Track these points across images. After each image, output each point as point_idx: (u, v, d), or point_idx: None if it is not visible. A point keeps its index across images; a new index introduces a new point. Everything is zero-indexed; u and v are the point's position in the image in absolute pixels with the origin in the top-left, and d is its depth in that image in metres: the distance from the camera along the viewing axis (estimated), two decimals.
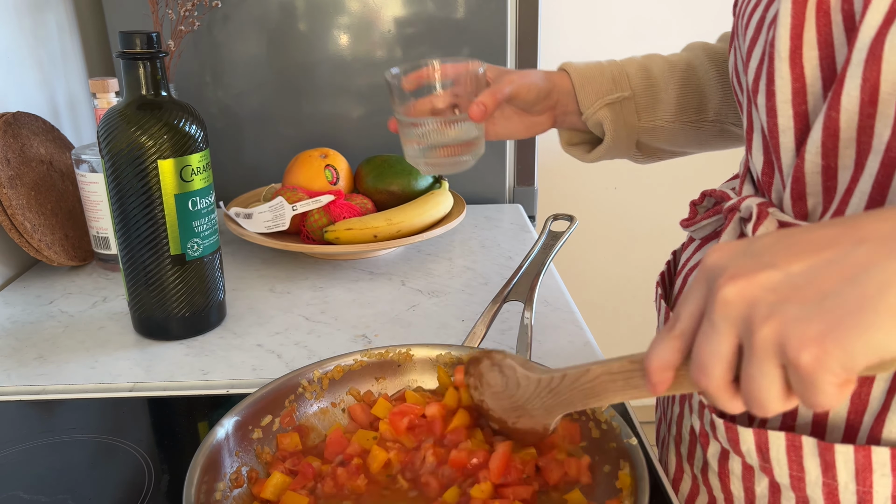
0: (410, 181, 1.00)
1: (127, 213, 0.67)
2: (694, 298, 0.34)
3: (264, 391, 0.52)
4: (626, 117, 0.69)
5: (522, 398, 0.48)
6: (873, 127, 0.39)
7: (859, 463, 0.43)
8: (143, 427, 0.59)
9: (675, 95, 0.68)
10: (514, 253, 0.97)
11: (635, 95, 0.68)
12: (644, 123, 0.69)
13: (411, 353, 0.57)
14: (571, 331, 0.75)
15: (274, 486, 0.47)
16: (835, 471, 0.44)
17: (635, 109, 0.69)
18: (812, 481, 0.45)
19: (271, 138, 1.16)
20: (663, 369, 0.35)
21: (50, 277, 0.90)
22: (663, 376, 0.35)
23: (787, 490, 0.47)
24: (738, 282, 0.31)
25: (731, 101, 0.68)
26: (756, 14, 0.47)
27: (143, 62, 0.66)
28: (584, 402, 0.43)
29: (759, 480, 0.48)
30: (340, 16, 1.09)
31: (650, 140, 0.70)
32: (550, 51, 1.47)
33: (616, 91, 0.68)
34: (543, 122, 0.71)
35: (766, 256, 0.31)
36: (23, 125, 0.88)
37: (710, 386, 0.33)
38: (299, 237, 0.94)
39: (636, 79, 0.69)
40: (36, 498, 0.50)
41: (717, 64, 0.69)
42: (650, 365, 0.35)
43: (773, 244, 0.32)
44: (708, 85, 0.68)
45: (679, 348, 0.35)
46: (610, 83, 0.68)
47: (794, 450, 0.44)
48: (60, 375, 0.67)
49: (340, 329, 0.75)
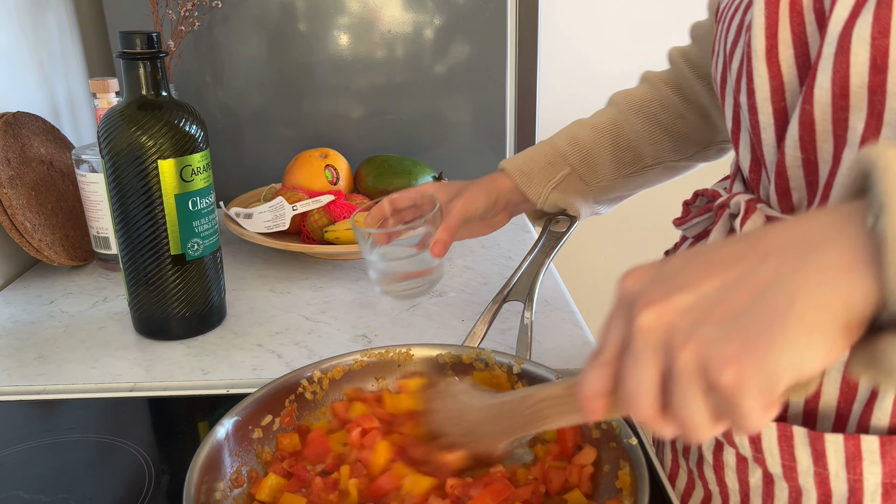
0: (410, 181, 1.00)
1: (127, 213, 0.67)
2: (615, 326, 0.34)
3: (264, 391, 0.52)
4: (575, 189, 0.72)
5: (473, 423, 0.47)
6: (847, 119, 0.40)
7: (849, 451, 0.43)
8: (143, 427, 0.59)
9: (609, 155, 0.72)
10: (514, 253, 0.97)
11: (574, 168, 0.72)
12: (592, 187, 0.73)
13: (411, 353, 0.57)
14: (571, 331, 0.75)
15: (269, 487, 0.47)
16: (825, 460, 0.44)
17: (579, 179, 0.72)
18: (804, 471, 0.45)
19: (271, 138, 1.16)
20: (595, 398, 0.35)
21: (50, 277, 0.90)
22: (596, 404, 0.35)
23: (780, 480, 0.47)
24: (653, 308, 0.31)
25: (663, 142, 0.72)
26: (735, 18, 0.48)
27: (144, 62, 0.66)
28: (526, 427, 0.43)
29: (753, 472, 0.49)
30: (340, 16, 1.09)
31: (604, 195, 0.74)
32: (551, 51, 1.47)
33: (556, 173, 0.72)
34: (501, 220, 0.75)
35: (678, 279, 0.31)
36: (23, 125, 0.88)
37: (640, 415, 0.32)
38: (299, 237, 0.94)
39: (570, 153, 0.72)
40: (36, 498, 0.50)
41: (640, 113, 0.72)
42: (583, 394, 0.35)
43: (684, 265, 0.32)
44: (637, 135, 0.72)
45: (607, 376, 0.34)
46: (548, 168, 0.72)
47: (786, 440, 0.45)
48: (61, 375, 0.67)
49: (340, 329, 0.75)
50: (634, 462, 0.44)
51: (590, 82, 1.50)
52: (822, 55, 0.40)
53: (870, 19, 0.37)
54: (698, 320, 0.30)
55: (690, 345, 0.29)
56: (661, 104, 0.71)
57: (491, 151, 1.17)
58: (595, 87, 1.53)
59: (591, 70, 1.49)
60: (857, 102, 0.39)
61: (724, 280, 0.30)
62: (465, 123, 1.16)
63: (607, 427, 0.48)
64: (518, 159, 0.73)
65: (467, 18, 1.09)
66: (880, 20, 0.37)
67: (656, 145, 0.71)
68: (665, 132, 0.71)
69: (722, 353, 0.28)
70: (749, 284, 0.29)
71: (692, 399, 0.30)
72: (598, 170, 0.72)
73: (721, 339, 0.29)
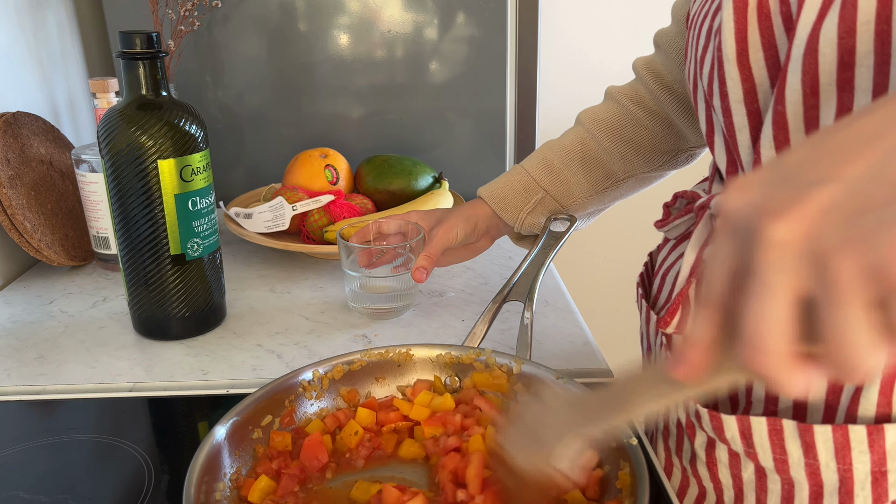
0: (410, 181, 1.00)
1: (127, 213, 0.67)
2: (724, 256, 0.27)
3: (264, 391, 0.52)
4: (551, 210, 0.75)
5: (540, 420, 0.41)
6: (818, 118, 0.41)
7: (838, 442, 0.44)
8: (143, 427, 0.59)
9: (580, 175, 0.74)
10: (514, 253, 0.97)
11: (548, 192, 0.75)
12: (568, 207, 0.76)
13: (411, 353, 0.57)
14: (571, 331, 0.75)
15: (261, 490, 0.46)
16: (815, 451, 0.45)
17: (554, 201, 0.75)
18: (795, 463, 0.46)
19: (271, 138, 1.16)
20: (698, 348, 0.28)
21: (50, 277, 0.90)
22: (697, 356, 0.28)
23: (772, 473, 0.48)
24: (788, 216, 0.24)
25: (632, 156, 0.74)
26: (705, 24, 0.50)
27: (144, 62, 0.66)
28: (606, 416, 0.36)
29: (746, 466, 0.50)
30: (340, 16, 1.09)
31: (580, 211, 0.77)
32: (551, 51, 1.47)
33: (531, 198, 0.75)
34: (484, 244, 0.78)
35: (808, 173, 0.25)
36: (23, 125, 0.88)
37: (770, 361, 0.26)
38: (299, 237, 0.94)
39: (542, 178, 0.75)
40: (36, 498, 0.50)
41: (607, 130, 0.74)
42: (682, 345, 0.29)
43: (809, 155, 0.26)
44: (606, 153, 0.74)
45: (715, 319, 0.28)
46: (522, 194, 0.75)
47: (776, 433, 0.46)
48: (60, 375, 0.67)
49: (340, 329, 0.75)
50: (634, 462, 0.44)
51: (590, 82, 1.50)
52: (792, 57, 0.41)
53: (836, 20, 0.38)
54: (854, 213, 0.23)
55: (852, 245, 0.23)
56: (625, 119, 0.73)
57: (491, 151, 1.18)
58: (595, 87, 1.53)
59: (591, 70, 1.49)
60: (826, 99, 0.40)
61: (872, 158, 0.24)
62: (466, 123, 1.16)
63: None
64: (494, 185, 0.77)
65: (467, 18, 1.09)
66: (846, 20, 0.38)
67: (625, 160, 0.74)
68: (632, 146, 0.73)
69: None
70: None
71: (856, 318, 0.23)
72: (571, 190, 0.75)
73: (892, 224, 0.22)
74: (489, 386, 0.55)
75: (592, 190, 0.75)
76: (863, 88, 0.39)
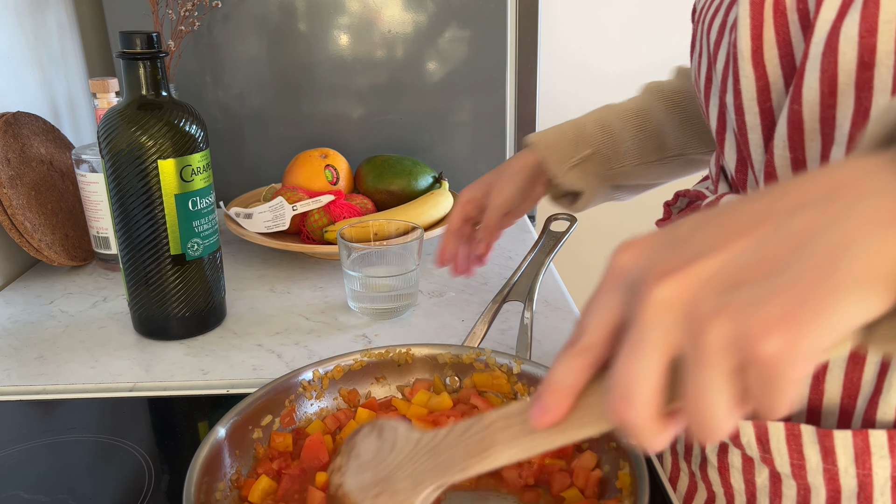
0: (410, 181, 1.00)
1: (127, 213, 0.67)
2: (606, 308, 0.28)
3: (264, 391, 0.52)
4: (595, 171, 0.72)
5: (391, 465, 0.37)
6: (835, 118, 0.41)
7: (858, 447, 0.44)
8: (143, 427, 0.59)
9: (634, 141, 0.72)
10: (514, 253, 0.97)
11: (598, 150, 0.72)
12: (612, 172, 0.73)
13: (411, 352, 0.57)
14: (571, 331, 0.74)
15: (261, 490, 0.46)
16: (835, 456, 0.44)
17: (601, 161, 0.72)
18: (813, 468, 0.46)
19: (271, 138, 1.16)
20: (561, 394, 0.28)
21: (50, 277, 0.90)
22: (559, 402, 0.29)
23: (787, 479, 0.47)
24: (672, 278, 0.26)
25: (689, 133, 0.72)
26: (717, 19, 0.49)
27: (144, 62, 0.66)
28: (465, 461, 0.33)
29: (760, 472, 0.49)
30: (340, 16, 1.09)
31: (623, 181, 0.74)
32: (551, 51, 1.47)
33: (578, 152, 0.72)
34: (539, 191, 0.74)
35: (695, 244, 0.27)
36: (23, 125, 0.88)
37: (637, 416, 0.26)
38: (299, 237, 0.94)
39: (595, 135, 0.72)
40: (36, 498, 0.50)
41: (669, 103, 0.72)
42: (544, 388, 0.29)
43: (698, 229, 0.27)
44: (663, 124, 0.72)
45: (585, 367, 0.28)
46: (571, 146, 0.72)
47: (794, 438, 0.45)
48: (60, 375, 0.67)
49: (340, 329, 0.75)
50: (634, 462, 0.44)
51: (590, 82, 1.50)
52: (809, 56, 0.41)
53: (857, 19, 0.38)
54: (730, 286, 0.25)
55: (724, 314, 0.24)
56: (687, 95, 0.72)
57: (491, 151, 1.17)
58: (595, 87, 1.53)
59: (591, 70, 1.50)
60: (844, 100, 0.40)
61: (753, 239, 0.26)
62: (465, 123, 1.16)
63: None
64: (545, 132, 0.73)
65: (467, 18, 1.09)
66: (867, 19, 0.38)
67: (681, 136, 0.72)
68: (690, 124, 0.72)
69: (765, 315, 0.24)
70: (785, 239, 0.25)
71: (716, 382, 0.25)
72: (620, 154, 0.72)
73: (762, 301, 0.24)
74: (489, 386, 0.55)
75: (641, 160, 0.72)
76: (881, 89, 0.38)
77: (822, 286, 0.24)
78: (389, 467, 0.37)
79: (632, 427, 0.27)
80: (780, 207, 0.26)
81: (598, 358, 0.29)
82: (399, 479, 0.36)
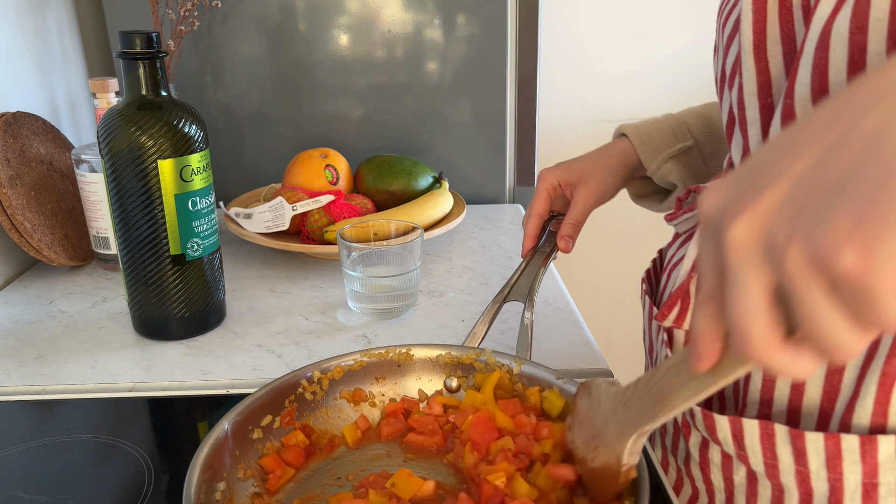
0: (410, 181, 1.00)
1: (127, 213, 0.67)
2: (706, 255, 0.29)
3: (264, 391, 0.52)
4: (694, 165, 0.69)
5: (600, 420, 0.42)
6: None
7: (829, 450, 0.43)
8: (143, 427, 0.59)
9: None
10: (514, 253, 0.97)
11: (698, 144, 0.69)
12: (712, 169, 0.69)
13: (411, 353, 0.57)
14: (571, 331, 0.75)
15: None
16: (806, 458, 0.44)
17: (701, 157, 0.69)
18: (785, 469, 0.45)
19: (271, 138, 1.16)
20: (707, 340, 0.30)
21: (50, 277, 0.90)
22: (708, 349, 0.30)
23: (762, 478, 0.47)
24: (743, 216, 0.27)
25: None
26: (733, 14, 0.49)
27: (143, 62, 0.66)
28: (653, 411, 0.37)
29: (738, 469, 0.49)
30: (340, 16, 1.09)
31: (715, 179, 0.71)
32: (551, 51, 1.47)
33: (678, 143, 0.69)
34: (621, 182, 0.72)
35: (762, 175, 0.27)
36: (23, 125, 0.88)
37: (759, 350, 0.27)
38: (299, 237, 0.94)
39: (697, 128, 0.69)
40: (36, 498, 0.50)
41: None
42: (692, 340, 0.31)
43: (765, 158, 0.28)
44: None
45: (713, 313, 0.30)
46: (670, 136, 0.69)
47: (768, 437, 0.45)
48: (60, 375, 0.67)
49: (340, 329, 0.75)
50: None
51: (590, 82, 1.50)
52: (804, 51, 0.40)
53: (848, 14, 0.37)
54: (799, 208, 0.25)
55: (796, 239, 0.25)
56: None
57: (491, 151, 1.18)
58: (595, 87, 1.53)
59: (591, 70, 1.49)
60: None
61: (816, 154, 0.25)
62: (465, 123, 1.16)
63: None
64: (639, 123, 0.71)
65: (467, 18, 1.09)
66: (858, 16, 0.37)
67: None
68: None
69: (833, 230, 0.23)
70: (852, 143, 0.24)
71: (818, 305, 0.25)
72: (723, 150, 0.68)
73: (829, 217, 0.24)
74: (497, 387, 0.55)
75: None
76: None
77: (888, 187, 0.23)
78: (599, 422, 0.42)
79: (762, 362, 0.28)
80: (845, 112, 0.26)
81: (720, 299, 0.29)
82: (607, 431, 0.41)
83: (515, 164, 1.22)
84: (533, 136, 1.24)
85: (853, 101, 0.26)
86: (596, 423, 0.42)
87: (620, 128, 0.71)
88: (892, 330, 0.24)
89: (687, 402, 0.35)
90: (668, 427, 0.56)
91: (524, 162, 1.22)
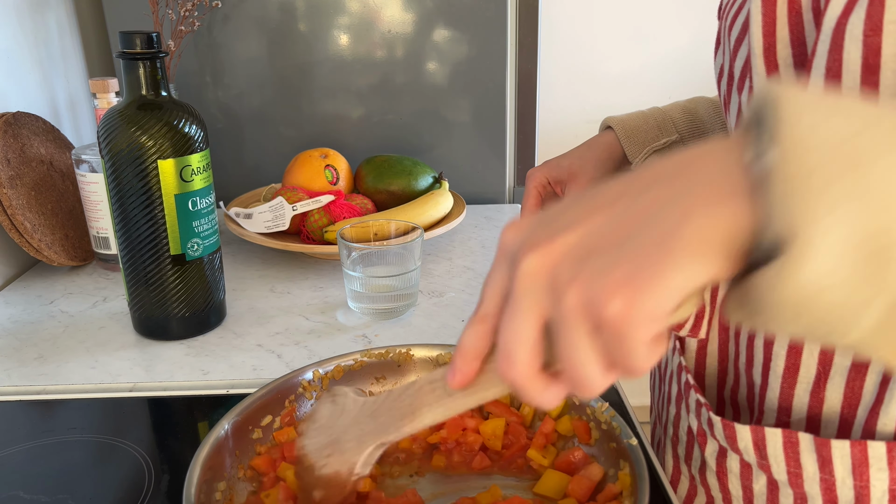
0: (410, 181, 1.00)
1: (127, 213, 0.67)
2: (495, 280, 0.32)
3: (264, 391, 0.52)
4: None
5: (341, 428, 0.42)
6: None
7: (856, 458, 0.43)
8: (143, 427, 0.59)
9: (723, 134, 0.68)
10: None
11: (683, 138, 0.69)
12: None
13: (411, 353, 0.57)
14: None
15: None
16: (832, 466, 0.44)
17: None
18: (809, 477, 0.45)
19: (271, 138, 1.16)
20: (468, 358, 0.32)
21: (50, 277, 0.90)
22: (467, 367, 0.32)
23: (784, 487, 0.47)
24: (537, 251, 0.29)
25: None
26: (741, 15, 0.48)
27: (144, 62, 0.66)
28: (399, 423, 0.37)
29: (758, 478, 0.48)
30: (340, 16, 1.09)
31: None
32: (551, 51, 1.47)
33: (663, 137, 0.69)
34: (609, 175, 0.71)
35: (562, 220, 0.30)
36: (23, 125, 0.88)
37: (517, 375, 0.30)
38: (299, 237, 0.94)
39: (682, 122, 0.70)
40: (36, 498, 0.50)
41: None
42: (455, 354, 0.32)
43: (566, 208, 0.30)
44: None
45: (484, 333, 0.32)
46: (655, 130, 0.69)
47: (791, 446, 0.45)
48: (60, 375, 0.67)
49: (340, 329, 0.75)
50: (634, 462, 0.44)
51: (590, 82, 1.50)
52: (817, 53, 0.40)
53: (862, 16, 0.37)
54: (586, 255, 0.28)
55: (577, 281, 0.27)
56: None
57: (491, 151, 1.18)
58: (595, 87, 1.53)
59: (591, 70, 1.50)
60: None
61: (608, 214, 0.28)
62: (465, 123, 1.16)
63: (607, 427, 0.48)
64: (625, 116, 0.71)
65: (467, 18, 1.09)
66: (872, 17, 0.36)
67: None
68: None
69: (609, 280, 0.27)
70: (634, 214, 0.28)
71: (580, 343, 0.28)
72: None
73: (607, 268, 0.27)
74: None
75: None
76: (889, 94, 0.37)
77: (660, 254, 0.26)
78: (339, 429, 0.41)
79: (517, 385, 0.30)
80: (635, 185, 0.29)
81: (495, 324, 0.31)
82: (346, 440, 0.40)
83: (515, 165, 1.22)
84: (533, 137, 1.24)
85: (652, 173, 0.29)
86: (335, 431, 0.42)
87: (606, 120, 0.72)
88: (638, 375, 0.28)
89: (436, 418, 0.36)
90: (681, 436, 0.56)
91: (524, 162, 1.22)
